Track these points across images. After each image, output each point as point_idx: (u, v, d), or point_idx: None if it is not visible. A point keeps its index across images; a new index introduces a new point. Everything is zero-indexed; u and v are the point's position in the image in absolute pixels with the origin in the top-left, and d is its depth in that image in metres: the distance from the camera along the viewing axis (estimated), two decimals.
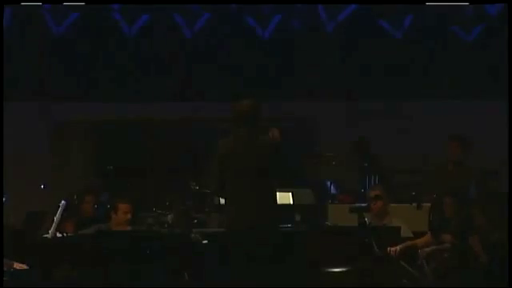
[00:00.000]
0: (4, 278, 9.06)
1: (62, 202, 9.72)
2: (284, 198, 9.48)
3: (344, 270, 9.15)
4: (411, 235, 9.94)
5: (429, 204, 10.40)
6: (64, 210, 9.69)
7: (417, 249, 9.61)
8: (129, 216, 10.08)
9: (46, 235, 9.56)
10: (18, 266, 9.11)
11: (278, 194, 8.34)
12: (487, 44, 12.71)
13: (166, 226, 9.97)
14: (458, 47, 12.75)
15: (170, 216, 10.16)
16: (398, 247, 9.53)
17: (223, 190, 8.29)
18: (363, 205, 10.37)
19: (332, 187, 11.52)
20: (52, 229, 9.55)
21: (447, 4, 12.81)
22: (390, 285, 9.23)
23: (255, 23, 12.79)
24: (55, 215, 9.60)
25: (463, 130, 11.28)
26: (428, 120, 12.33)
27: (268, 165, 8.10)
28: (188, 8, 12.74)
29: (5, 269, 9.09)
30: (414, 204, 10.65)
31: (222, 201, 10.27)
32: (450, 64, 12.74)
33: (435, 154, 11.29)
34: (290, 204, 9.77)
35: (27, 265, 9.17)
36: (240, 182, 8.11)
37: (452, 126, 11.62)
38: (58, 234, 9.62)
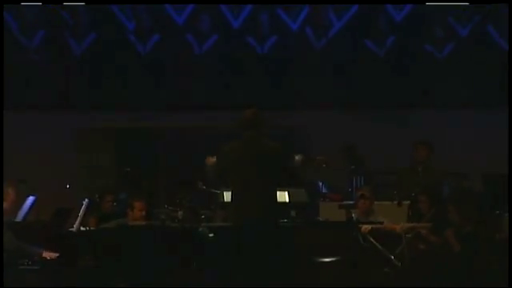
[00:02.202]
0: (35, 267, 9.13)
1: (86, 200, 9.79)
2: (281, 196, 9.39)
3: (333, 259, 9.20)
4: None
5: (408, 202, 10.40)
6: (87, 207, 9.76)
7: (385, 230, 9.67)
8: (143, 213, 10.08)
9: (71, 229, 9.61)
10: (47, 255, 9.13)
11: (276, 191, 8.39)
12: (457, 61, 12.81)
13: (176, 220, 9.99)
14: (430, 64, 12.85)
15: (180, 212, 10.19)
16: (369, 226, 9.58)
17: (222, 183, 8.38)
18: (351, 202, 10.45)
19: (323, 187, 11.51)
20: (76, 223, 9.62)
21: (447, 4, 12.79)
22: (373, 272, 9.25)
23: (255, 43, 12.89)
24: (79, 211, 9.67)
25: (436, 137, 11.46)
26: (405, 127, 12.41)
27: (270, 166, 8.14)
28: (199, 30, 12.83)
29: (35, 257, 9.15)
30: (395, 202, 10.64)
31: (226, 199, 10.44)
32: (423, 78, 12.81)
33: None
34: (286, 202, 9.72)
35: (54, 254, 9.19)
36: (244, 181, 8.14)
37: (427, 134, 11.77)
38: (82, 228, 9.67)
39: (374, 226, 9.61)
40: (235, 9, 12.87)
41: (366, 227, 9.54)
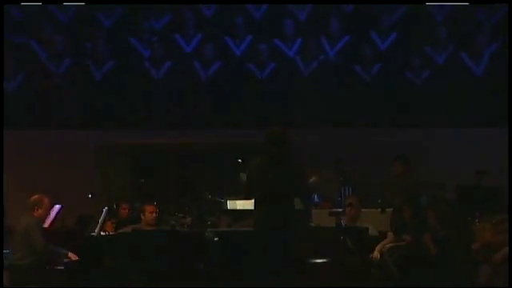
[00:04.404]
0: (59, 267, 9.26)
1: (105, 208, 9.93)
2: None
3: (324, 260, 9.25)
4: (376, 234, 10.02)
5: (391, 209, 10.46)
6: (106, 214, 9.90)
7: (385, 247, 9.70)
8: (155, 215, 10.13)
9: (92, 233, 9.76)
10: (72, 256, 9.26)
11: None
12: (432, 86, 12.86)
13: (185, 226, 10.08)
14: (409, 88, 12.89)
15: (188, 219, 10.29)
16: (376, 252, 9.57)
17: (252, 196, 8.06)
18: (340, 210, 10.42)
19: (315, 196, 11.43)
20: (97, 229, 9.75)
21: (447, 4, 12.77)
22: (360, 272, 9.31)
23: (255, 68, 12.94)
24: (99, 218, 9.81)
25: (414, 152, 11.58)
26: (389, 143, 12.41)
27: (293, 180, 7.95)
28: (204, 57, 12.93)
29: (61, 259, 9.25)
30: (379, 209, 10.69)
31: (230, 207, 10.54)
32: (402, 101, 12.84)
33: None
34: None
35: (78, 256, 9.32)
36: (270, 193, 7.93)
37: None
38: (102, 233, 9.82)
39: (378, 249, 9.62)
40: (237, 39, 13.01)
41: (375, 255, 9.57)
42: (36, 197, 9.38)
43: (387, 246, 9.64)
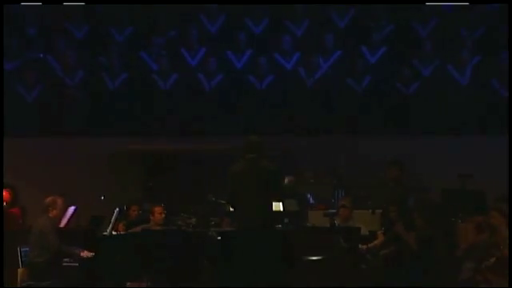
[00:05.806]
0: (74, 264, 9.35)
1: (116, 209, 9.98)
2: (276, 206, 9.41)
3: (319, 258, 9.30)
4: (367, 233, 10.07)
5: (381, 210, 10.56)
6: (117, 215, 9.96)
7: (377, 247, 9.80)
8: (163, 215, 10.19)
9: (104, 233, 9.81)
10: (84, 254, 9.30)
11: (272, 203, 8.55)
12: (422, 96, 12.85)
13: (190, 226, 10.13)
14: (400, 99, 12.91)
15: (193, 219, 10.35)
16: (366, 247, 9.70)
17: (235, 200, 8.41)
18: (334, 211, 10.47)
19: (311, 198, 11.54)
20: (109, 228, 9.79)
21: (447, 4, 12.75)
22: (352, 268, 9.36)
23: (254, 80, 13.00)
24: (111, 219, 9.87)
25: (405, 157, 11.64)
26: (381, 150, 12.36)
27: (268, 182, 8.28)
28: (208, 69, 12.99)
29: (75, 256, 9.35)
30: (370, 210, 10.76)
31: (232, 208, 10.57)
32: (393, 109, 12.82)
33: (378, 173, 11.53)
34: (280, 210, 9.77)
35: (90, 254, 9.39)
36: (247, 194, 8.25)
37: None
38: (113, 232, 9.88)
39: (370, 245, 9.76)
40: (238, 53, 13.07)
41: (363, 247, 9.67)
42: (50, 198, 9.44)
43: (384, 251, 9.68)
